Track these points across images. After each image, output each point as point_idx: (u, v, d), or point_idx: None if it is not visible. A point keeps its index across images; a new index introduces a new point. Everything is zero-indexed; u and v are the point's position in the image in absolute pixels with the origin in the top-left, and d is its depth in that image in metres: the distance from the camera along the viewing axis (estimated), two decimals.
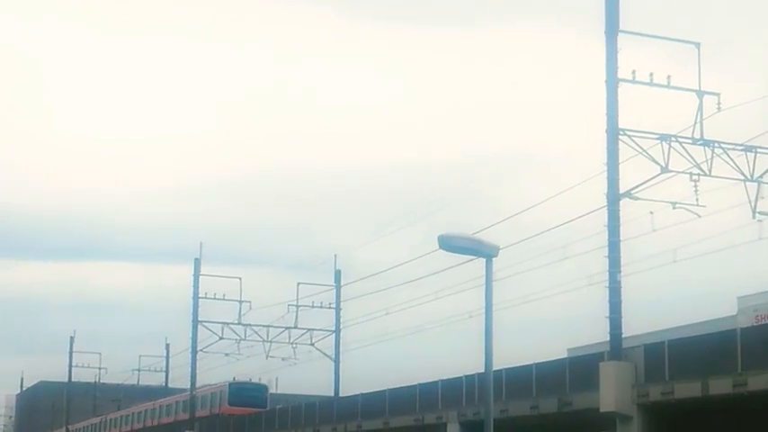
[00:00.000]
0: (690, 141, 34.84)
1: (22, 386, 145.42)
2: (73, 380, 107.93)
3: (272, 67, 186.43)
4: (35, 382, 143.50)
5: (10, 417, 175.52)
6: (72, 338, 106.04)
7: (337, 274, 66.27)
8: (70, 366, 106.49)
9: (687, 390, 31.90)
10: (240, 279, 68.89)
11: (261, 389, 75.71)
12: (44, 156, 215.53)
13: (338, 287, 66.06)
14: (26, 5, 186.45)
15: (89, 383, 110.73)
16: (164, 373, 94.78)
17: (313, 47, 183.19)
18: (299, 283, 66.27)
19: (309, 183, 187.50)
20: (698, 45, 35.14)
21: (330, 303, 66.28)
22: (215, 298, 69.86)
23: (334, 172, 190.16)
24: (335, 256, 66.79)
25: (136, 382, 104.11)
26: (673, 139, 34.78)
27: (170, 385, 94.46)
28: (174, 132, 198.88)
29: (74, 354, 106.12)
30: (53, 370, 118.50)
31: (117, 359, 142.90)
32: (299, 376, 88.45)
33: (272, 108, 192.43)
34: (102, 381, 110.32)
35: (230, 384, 75.62)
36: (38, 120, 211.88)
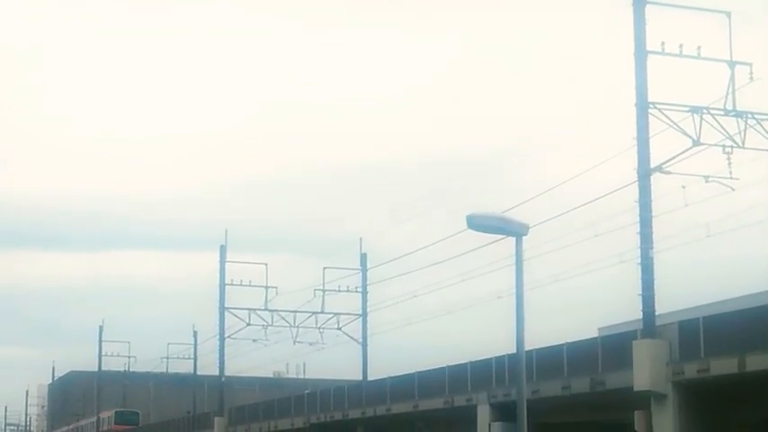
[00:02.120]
0: (722, 113, 34.11)
1: (53, 376, 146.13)
2: (103, 369, 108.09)
3: (296, 54, 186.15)
4: (66, 371, 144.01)
5: (42, 406, 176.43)
6: (101, 328, 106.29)
7: (363, 258, 65.81)
8: (100, 355, 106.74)
9: (723, 366, 31.25)
10: (266, 265, 68.66)
11: (135, 414, 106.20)
12: (72, 147, 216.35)
13: (364, 271, 65.60)
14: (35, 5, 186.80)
15: (119, 372, 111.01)
16: (192, 361, 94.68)
17: (334, 35, 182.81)
18: (324, 268, 65.98)
19: (334, 168, 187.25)
20: (728, 14, 34.40)
21: (356, 287, 65.89)
22: (241, 284, 69.63)
23: (359, 156, 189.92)
24: (361, 239, 66.45)
25: (165, 370, 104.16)
26: (704, 111, 34.06)
27: (198, 372, 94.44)
28: (200, 124, 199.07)
29: (103, 343, 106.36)
30: (83, 359, 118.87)
31: (146, 347, 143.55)
32: (326, 361, 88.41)
33: (295, 97, 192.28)
34: (131, 369, 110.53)
35: (116, 412, 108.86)
36: (63, 112, 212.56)
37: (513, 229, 21.30)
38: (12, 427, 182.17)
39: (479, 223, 21.16)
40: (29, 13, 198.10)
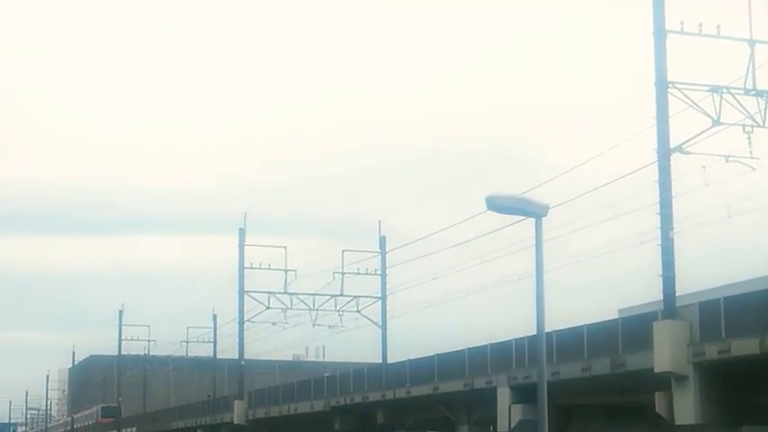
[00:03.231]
0: (742, 92, 33.88)
1: (73, 360, 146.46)
2: (123, 353, 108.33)
3: (310, 45, 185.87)
4: (86, 356, 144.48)
5: (63, 391, 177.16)
6: (121, 312, 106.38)
7: (382, 241, 65.72)
8: (120, 340, 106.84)
9: (745, 347, 31.05)
10: (285, 248, 68.64)
11: (117, 408, 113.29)
12: (92, 134, 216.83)
13: (383, 253, 65.50)
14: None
15: (139, 356, 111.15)
16: (212, 344, 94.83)
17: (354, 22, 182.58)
18: (343, 251, 65.91)
19: (352, 151, 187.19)
20: None
21: (375, 270, 65.80)
22: (261, 268, 69.62)
23: (378, 140, 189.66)
24: (380, 222, 66.35)
25: (185, 354, 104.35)
26: (724, 90, 33.84)
27: (218, 356, 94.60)
28: (220, 112, 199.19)
29: (123, 327, 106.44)
30: (103, 344, 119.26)
31: (165, 331, 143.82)
32: (345, 344, 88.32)
33: (314, 83, 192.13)
34: (151, 353, 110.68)
35: (102, 407, 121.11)
36: (83, 100, 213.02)
37: (532, 210, 21.20)
38: (32, 412, 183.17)
39: (499, 204, 21.06)
40: (47, 4, 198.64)
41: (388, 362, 61.42)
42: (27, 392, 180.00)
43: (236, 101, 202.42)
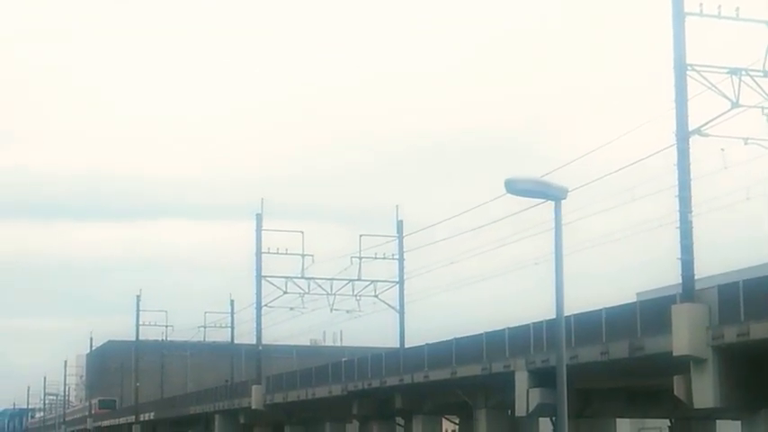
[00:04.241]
0: (761, 74, 33.72)
1: (91, 346, 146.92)
2: (140, 338, 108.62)
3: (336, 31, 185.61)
4: (103, 341, 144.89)
5: (80, 376, 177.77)
6: (138, 297, 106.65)
7: (399, 225, 65.72)
8: (137, 325, 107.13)
9: (764, 330, 30.93)
10: (302, 233, 68.67)
11: (113, 401, 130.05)
12: (109, 122, 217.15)
13: (401, 237, 65.50)
14: None
15: (156, 341, 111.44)
16: (229, 330, 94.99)
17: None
18: (361, 235, 65.96)
19: (369, 136, 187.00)
20: None
21: (393, 254, 65.81)
22: (278, 253, 69.69)
23: (395, 125, 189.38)
24: (397, 206, 66.31)
25: (202, 339, 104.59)
26: (743, 72, 33.67)
27: (236, 341, 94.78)
28: (236, 96, 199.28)
29: (140, 312, 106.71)
30: (121, 329, 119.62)
31: (183, 317, 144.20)
32: (363, 328, 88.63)
33: (329, 71, 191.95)
34: (168, 338, 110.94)
35: (99, 400, 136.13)
36: (101, 88, 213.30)
37: (551, 193, 21.17)
38: (51, 397, 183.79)
39: (518, 187, 21.02)
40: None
41: (406, 346, 61.42)
42: (45, 378, 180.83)
43: (253, 90, 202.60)
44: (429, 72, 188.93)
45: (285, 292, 69.35)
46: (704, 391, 32.87)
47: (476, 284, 57.13)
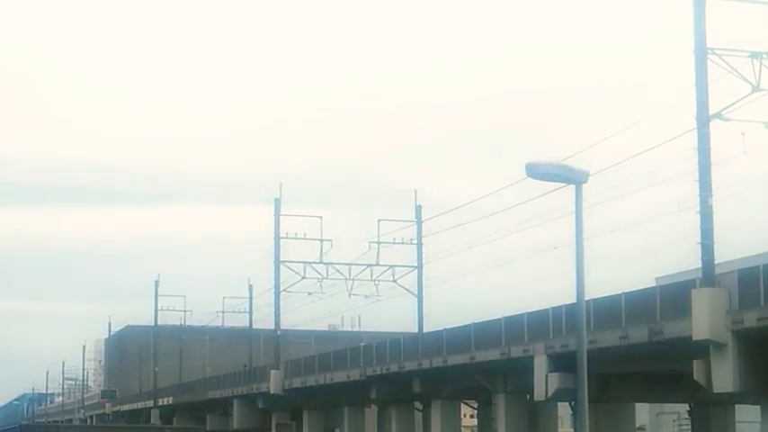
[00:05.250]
0: None
1: (109, 331, 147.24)
2: (159, 323, 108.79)
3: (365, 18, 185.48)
4: (122, 326, 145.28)
5: (99, 361, 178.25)
6: (157, 282, 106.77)
7: (418, 210, 65.67)
8: (156, 310, 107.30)
9: None
10: (321, 218, 68.71)
11: (114, 391, 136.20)
12: (127, 108, 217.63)
13: (419, 222, 65.45)
14: None
15: (175, 326, 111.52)
16: (247, 314, 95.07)
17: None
18: (379, 220, 65.96)
19: (388, 122, 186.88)
20: None
21: (411, 239, 65.76)
22: (296, 238, 69.68)
23: (412, 110, 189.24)
24: (416, 191, 66.24)
25: (221, 324, 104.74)
26: (764, 56, 33.52)
27: (254, 326, 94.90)
28: (257, 85, 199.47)
29: (159, 297, 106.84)
30: (139, 314, 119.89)
31: (201, 302, 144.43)
32: (382, 313, 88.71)
33: (350, 57, 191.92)
34: (187, 323, 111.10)
35: (101, 390, 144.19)
36: (118, 74, 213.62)
37: (572, 177, 21.08)
38: (69, 382, 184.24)
39: (539, 171, 20.94)
40: None
41: (425, 331, 61.42)
42: (64, 363, 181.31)
43: (271, 77, 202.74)
44: (452, 67, 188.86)
45: (303, 277, 69.42)
46: (724, 375, 32.83)
47: (494, 269, 57.00)
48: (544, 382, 41.59)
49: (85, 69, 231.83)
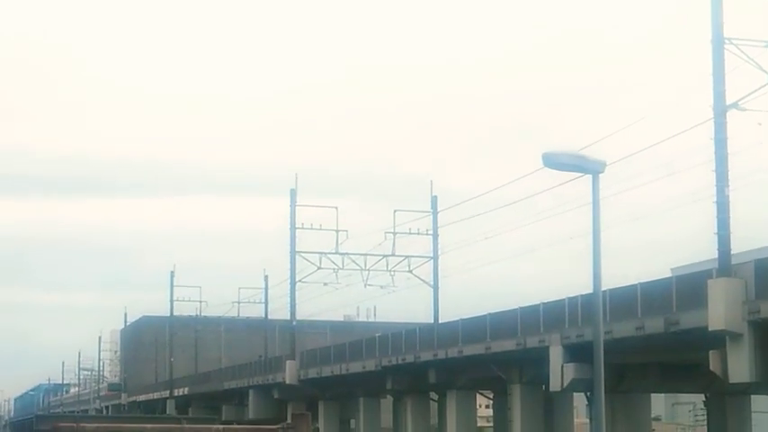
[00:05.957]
0: None
1: (125, 321, 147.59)
2: (174, 314, 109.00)
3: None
4: (138, 317, 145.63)
5: (115, 351, 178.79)
6: (172, 273, 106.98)
7: (434, 200, 65.69)
8: (171, 300, 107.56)
9: None
10: (336, 208, 68.74)
11: (120, 385, 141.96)
12: (145, 98, 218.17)
13: (435, 213, 65.47)
14: None
15: (190, 317, 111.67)
16: (263, 305, 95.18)
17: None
18: (395, 211, 66.03)
19: (405, 113, 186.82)
20: None
21: (427, 230, 65.81)
22: (312, 228, 69.74)
23: (427, 100, 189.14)
24: (431, 182, 66.25)
25: (236, 315, 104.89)
26: None
27: (270, 316, 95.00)
28: (277, 77, 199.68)
29: (175, 288, 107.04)
30: (155, 304, 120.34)
31: (217, 292, 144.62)
32: (397, 304, 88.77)
33: (365, 46, 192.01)
34: (203, 314, 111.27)
35: (108, 383, 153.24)
36: (136, 66, 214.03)
37: (589, 167, 21.08)
38: (85, 372, 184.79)
39: (556, 161, 20.94)
40: None
41: (440, 321, 61.47)
42: (80, 353, 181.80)
43: (289, 70, 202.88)
44: (469, 57, 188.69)
45: (319, 268, 69.52)
46: (740, 365, 32.82)
47: (510, 259, 57.10)
48: (560, 372, 41.60)
49: (105, 70, 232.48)
